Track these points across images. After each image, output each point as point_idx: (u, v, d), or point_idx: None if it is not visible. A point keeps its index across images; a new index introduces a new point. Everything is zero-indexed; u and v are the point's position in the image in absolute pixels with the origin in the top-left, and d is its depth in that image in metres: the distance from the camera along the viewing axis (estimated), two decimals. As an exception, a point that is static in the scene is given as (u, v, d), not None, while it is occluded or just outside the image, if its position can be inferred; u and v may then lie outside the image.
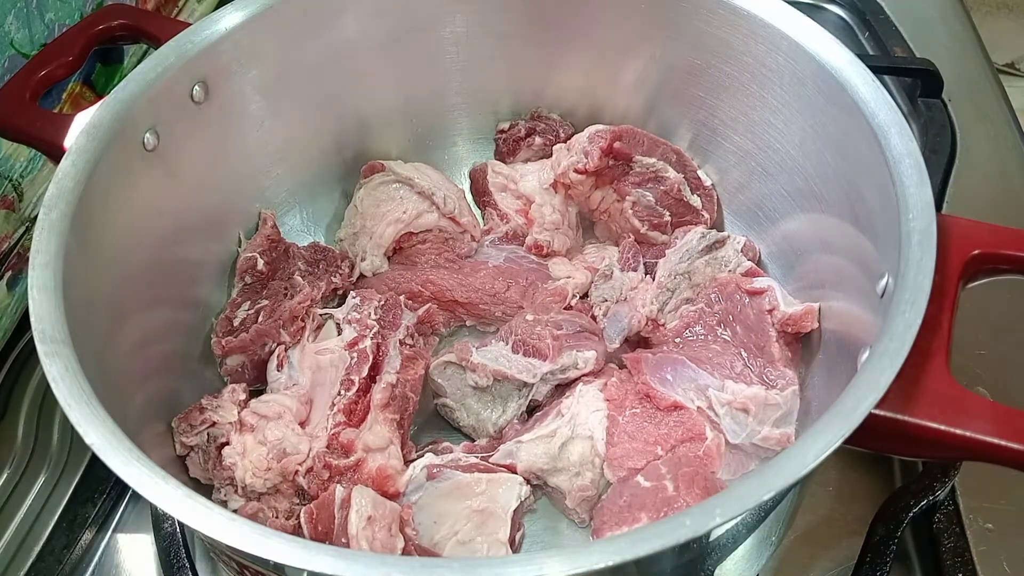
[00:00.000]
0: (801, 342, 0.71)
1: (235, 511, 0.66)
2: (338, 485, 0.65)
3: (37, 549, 0.72)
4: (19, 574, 0.71)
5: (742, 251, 0.77)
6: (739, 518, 0.45)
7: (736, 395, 0.67)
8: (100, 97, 0.69)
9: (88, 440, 0.50)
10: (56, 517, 0.73)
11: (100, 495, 0.75)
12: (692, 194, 0.81)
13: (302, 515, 0.63)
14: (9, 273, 0.82)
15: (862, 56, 1.00)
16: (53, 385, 0.52)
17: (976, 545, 0.66)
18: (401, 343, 0.74)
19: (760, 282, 0.73)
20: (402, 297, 0.78)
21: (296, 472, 0.67)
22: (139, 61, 0.71)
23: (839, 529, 0.70)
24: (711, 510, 0.44)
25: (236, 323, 0.76)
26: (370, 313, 0.75)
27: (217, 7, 0.75)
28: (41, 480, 0.76)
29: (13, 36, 0.77)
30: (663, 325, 0.76)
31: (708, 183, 0.82)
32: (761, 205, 0.79)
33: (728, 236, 0.78)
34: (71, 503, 0.74)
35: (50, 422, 0.79)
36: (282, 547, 0.45)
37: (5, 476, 0.76)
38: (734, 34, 0.73)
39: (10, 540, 0.73)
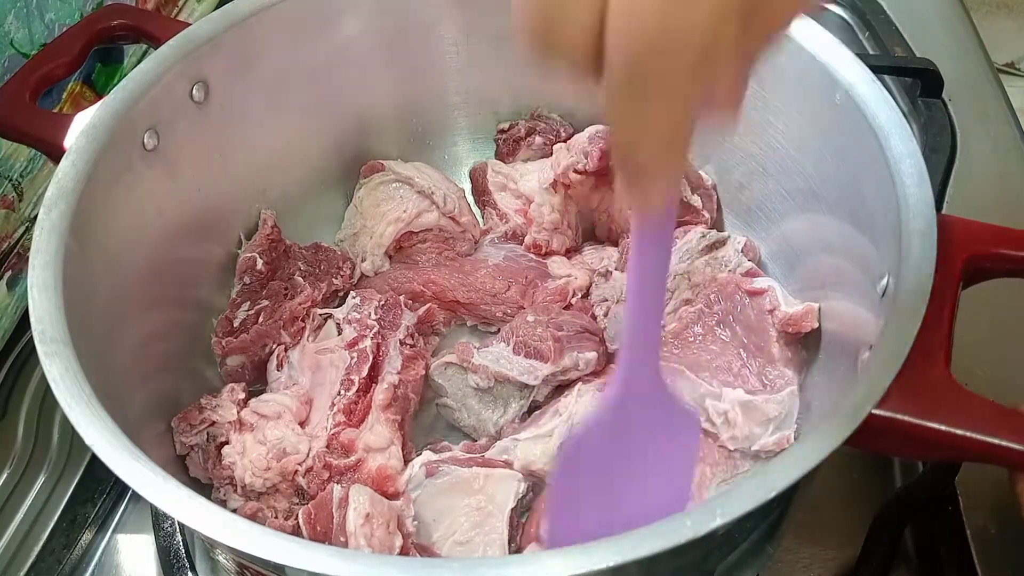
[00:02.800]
0: (801, 343, 0.71)
1: (234, 510, 0.66)
2: (336, 484, 0.65)
3: (37, 549, 0.72)
4: (19, 574, 0.71)
5: (742, 251, 0.77)
6: (740, 519, 0.45)
7: (733, 404, 0.67)
8: (100, 96, 0.69)
9: (88, 441, 0.50)
10: (56, 517, 0.73)
11: (100, 495, 0.74)
12: (692, 194, 0.81)
13: (300, 516, 0.63)
14: (9, 273, 0.82)
15: (862, 56, 1.00)
16: (53, 385, 0.52)
17: (976, 545, 0.66)
18: (401, 343, 0.74)
19: (760, 282, 0.73)
20: (403, 297, 0.78)
21: (296, 472, 0.67)
22: (139, 61, 0.71)
23: (839, 529, 0.70)
24: (712, 511, 0.44)
25: (236, 324, 0.75)
26: (370, 313, 0.75)
27: (217, 7, 0.75)
28: (41, 480, 0.76)
29: (13, 36, 0.77)
30: (662, 326, 0.76)
31: (708, 183, 0.82)
32: (761, 205, 0.79)
33: (728, 236, 0.78)
34: (71, 503, 0.74)
35: (50, 422, 0.79)
36: (283, 547, 0.44)
37: (5, 476, 0.76)
38: (734, 34, 0.73)
39: (10, 540, 0.72)
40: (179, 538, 0.68)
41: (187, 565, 0.68)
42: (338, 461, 0.67)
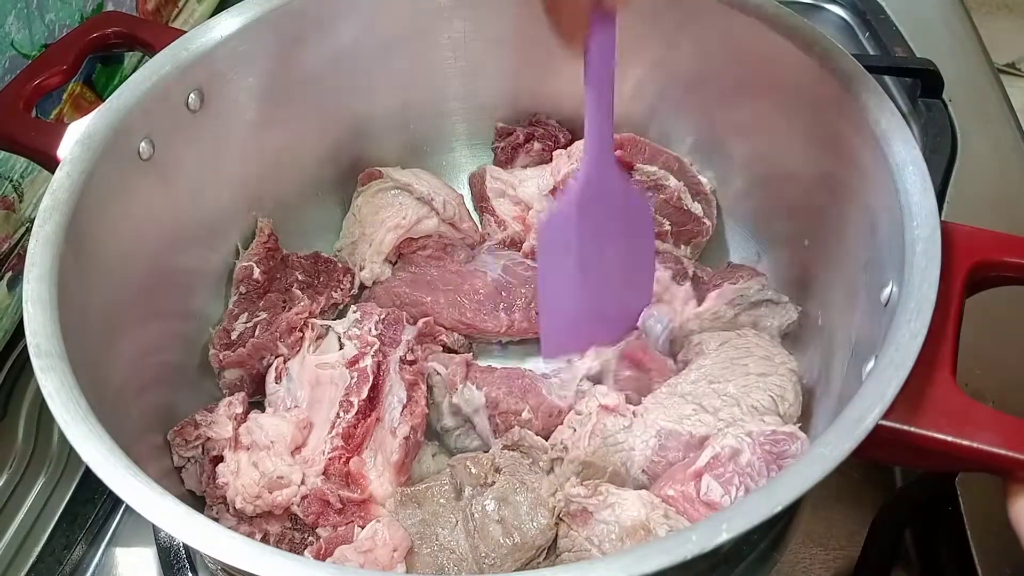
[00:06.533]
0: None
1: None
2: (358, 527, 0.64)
3: (37, 550, 0.72)
4: (19, 574, 0.70)
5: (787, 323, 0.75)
6: (746, 533, 0.44)
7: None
8: (100, 98, 0.68)
9: (85, 457, 0.49)
10: (56, 518, 0.73)
11: (100, 496, 0.74)
12: (693, 201, 0.81)
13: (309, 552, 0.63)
14: (9, 274, 0.81)
15: (862, 56, 1.00)
16: (49, 400, 0.51)
17: (976, 546, 0.66)
18: (403, 360, 0.73)
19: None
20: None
21: (289, 504, 0.66)
22: (140, 61, 0.70)
23: (839, 530, 0.70)
24: (717, 526, 0.44)
25: (234, 336, 0.75)
26: (370, 328, 0.73)
27: (218, 8, 0.75)
28: (41, 480, 0.75)
29: (13, 37, 0.76)
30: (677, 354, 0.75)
31: (708, 189, 0.82)
32: (763, 212, 0.79)
33: (785, 302, 0.75)
34: (71, 503, 0.74)
35: (50, 422, 0.79)
36: (282, 567, 0.44)
37: (5, 477, 0.76)
38: (734, 40, 0.73)
39: (10, 541, 0.72)
40: (179, 539, 0.67)
41: (187, 566, 0.67)
42: (343, 493, 0.66)
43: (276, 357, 0.74)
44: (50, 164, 0.65)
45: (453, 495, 0.67)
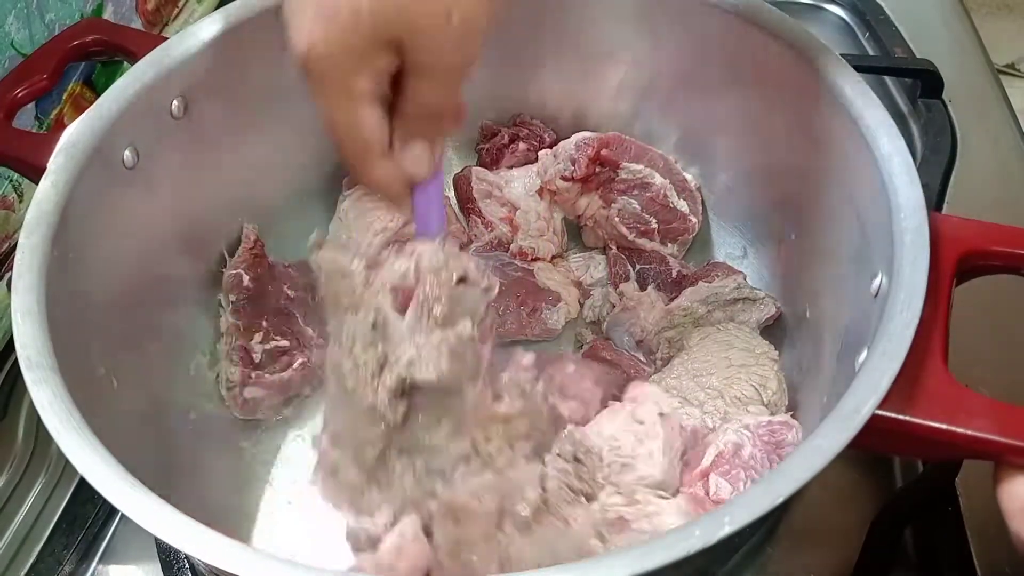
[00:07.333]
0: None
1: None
2: None
3: (37, 550, 0.71)
4: (19, 574, 0.70)
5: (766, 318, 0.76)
6: (747, 526, 0.44)
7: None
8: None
9: (81, 469, 0.49)
10: (56, 517, 0.72)
11: (101, 497, 0.73)
12: (678, 198, 0.81)
13: None
14: (9, 273, 0.81)
15: (862, 57, 1.01)
16: (42, 413, 0.51)
17: (976, 545, 0.66)
18: None
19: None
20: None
21: None
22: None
23: (839, 529, 0.70)
24: (720, 519, 0.44)
25: (257, 358, 0.75)
26: None
27: (218, 6, 0.74)
28: (41, 481, 0.75)
29: (13, 36, 0.76)
30: (655, 354, 0.76)
31: (693, 186, 0.82)
32: (749, 207, 0.79)
33: (763, 298, 0.76)
34: (71, 503, 0.73)
35: (50, 423, 0.78)
36: (284, 573, 0.44)
37: (5, 477, 0.75)
38: (717, 37, 0.73)
39: (10, 541, 0.72)
40: (176, 546, 0.67)
41: (187, 566, 0.67)
42: None
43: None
44: (33, 175, 0.64)
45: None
